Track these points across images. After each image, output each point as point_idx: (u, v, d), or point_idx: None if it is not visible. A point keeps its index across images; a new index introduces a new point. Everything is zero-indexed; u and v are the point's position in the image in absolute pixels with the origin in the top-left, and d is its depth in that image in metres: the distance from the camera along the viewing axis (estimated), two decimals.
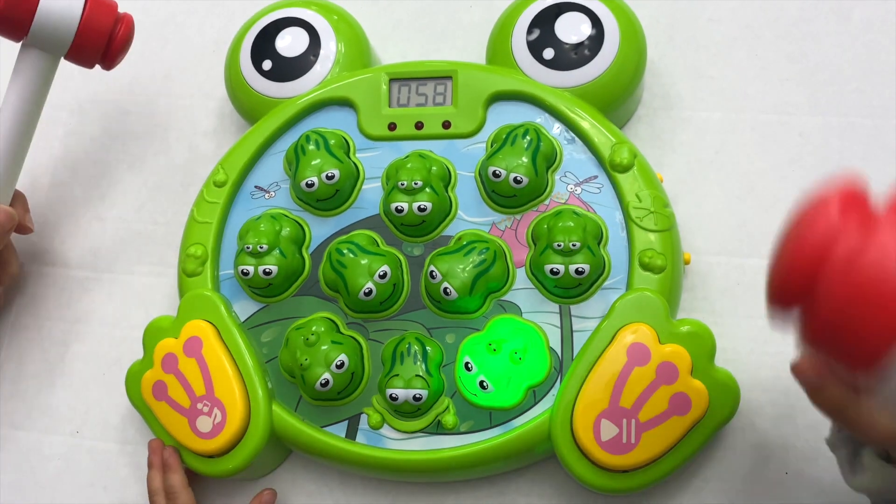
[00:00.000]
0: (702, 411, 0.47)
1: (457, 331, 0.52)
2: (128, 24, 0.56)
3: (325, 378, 0.49)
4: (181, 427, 0.51)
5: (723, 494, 0.51)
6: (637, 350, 0.48)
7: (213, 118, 0.66)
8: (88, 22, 0.54)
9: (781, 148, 0.58)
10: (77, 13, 0.54)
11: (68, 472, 0.59)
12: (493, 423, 0.50)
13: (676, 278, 0.51)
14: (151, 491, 0.53)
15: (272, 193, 0.57)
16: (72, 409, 0.60)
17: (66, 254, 0.64)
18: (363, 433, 0.51)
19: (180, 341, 0.53)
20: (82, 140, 0.67)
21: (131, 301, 0.62)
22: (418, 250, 0.54)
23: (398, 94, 0.56)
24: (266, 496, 0.53)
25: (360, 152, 0.56)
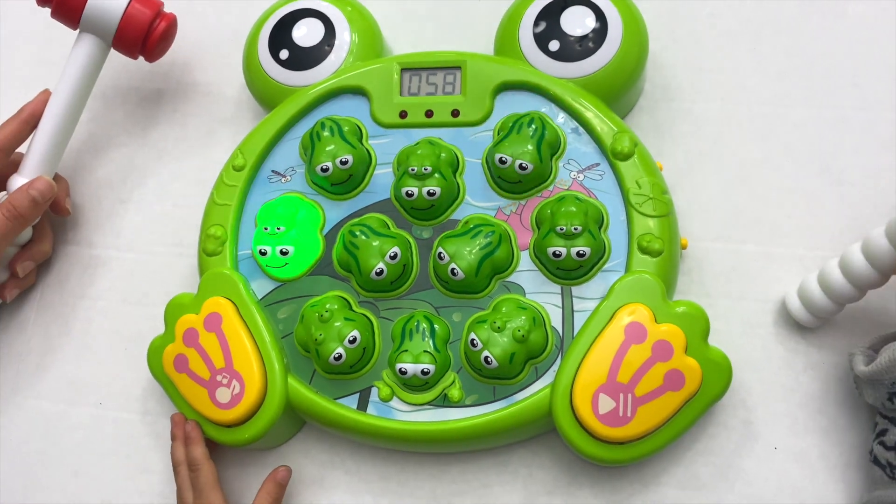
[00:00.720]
0: (695, 387, 0.49)
1: (463, 310, 0.54)
2: (168, 20, 0.62)
3: (338, 352, 0.52)
4: (201, 398, 0.54)
5: (714, 467, 0.54)
6: (634, 329, 0.50)
7: (231, 105, 0.68)
8: (132, 13, 0.60)
9: (776, 139, 0.60)
10: (123, 3, 0.60)
11: (92, 441, 0.62)
12: (497, 397, 0.52)
13: (673, 262, 0.54)
14: (175, 461, 0.56)
15: (288, 178, 0.59)
16: (95, 381, 0.63)
17: (89, 234, 0.67)
18: (374, 405, 0.54)
19: (201, 317, 0.55)
20: (105, 125, 0.70)
21: (152, 279, 0.65)
22: (427, 233, 0.56)
23: (409, 83, 0.59)
24: (281, 472, 0.55)
25: (373, 139, 0.58)
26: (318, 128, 0.57)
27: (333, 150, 0.56)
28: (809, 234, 0.57)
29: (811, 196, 0.58)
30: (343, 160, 0.56)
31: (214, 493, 0.54)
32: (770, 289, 0.57)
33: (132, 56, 0.62)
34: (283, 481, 0.55)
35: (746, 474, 0.53)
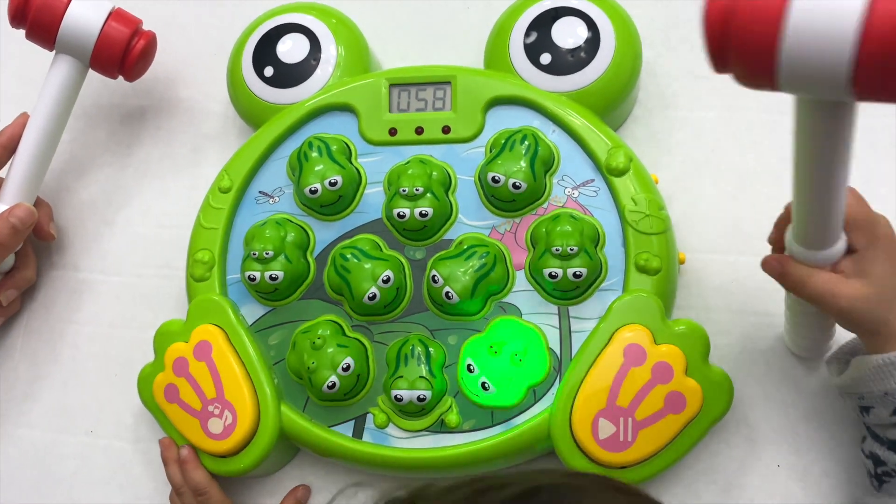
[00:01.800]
0: (696, 409, 0.48)
1: (459, 332, 0.53)
2: (147, 38, 0.60)
3: (331, 381, 0.51)
4: (193, 429, 0.53)
5: (715, 486, 0.53)
6: (633, 351, 0.49)
7: (217, 121, 0.66)
8: (108, 32, 0.58)
9: (774, 147, 0.59)
10: (99, 23, 0.58)
11: (84, 470, 0.61)
12: (495, 422, 0.51)
13: (671, 280, 0.53)
14: (175, 484, 0.55)
15: (276, 198, 0.58)
16: (85, 409, 0.62)
17: (74, 257, 0.66)
18: (369, 432, 0.53)
19: (190, 345, 0.54)
20: (88, 145, 0.68)
21: (140, 303, 0.64)
22: (420, 254, 0.55)
23: (398, 99, 0.57)
24: (300, 491, 0.55)
25: (362, 157, 0.57)
26: (306, 147, 0.56)
27: (322, 170, 0.55)
28: None
29: None
30: (332, 181, 0.54)
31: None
32: (771, 301, 0.55)
33: (111, 76, 0.61)
34: (303, 499, 0.55)
35: (749, 493, 0.53)
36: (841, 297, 0.43)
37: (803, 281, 0.44)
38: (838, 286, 0.43)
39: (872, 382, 0.43)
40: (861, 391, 0.44)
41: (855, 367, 0.45)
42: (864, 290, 0.43)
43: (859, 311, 0.43)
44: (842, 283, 0.44)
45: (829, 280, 0.44)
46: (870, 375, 0.43)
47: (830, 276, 0.44)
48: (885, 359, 0.43)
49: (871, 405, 0.44)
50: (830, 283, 0.44)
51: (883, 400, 0.43)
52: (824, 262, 0.44)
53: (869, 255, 0.44)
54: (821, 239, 0.43)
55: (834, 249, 0.43)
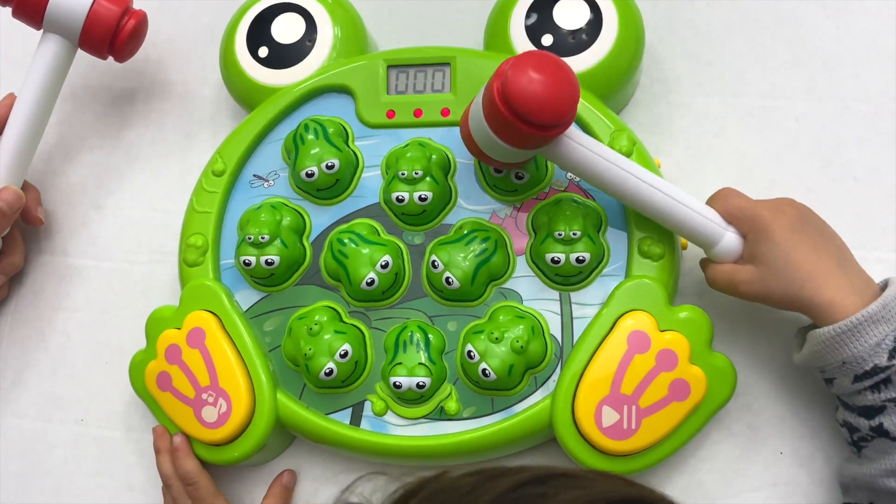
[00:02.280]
0: (700, 397, 0.48)
1: (458, 319, 0.52)
2: (137, 17, 0.59)
3: (329, 367, 0.50)
4: (187, 417, 0.52)
5: (719, 474, 0.52)
6: (637, 338, 0.48)
7: (209, 105, 0.65)
8: (98, 10, 0.56)
9: (778, 133, 0.58)
10: (88, 1, 0.56)
11: (74, 460, 0.59)
12: (495, 409, 0.51)
13: (675, 265, 0.52)
14: (165, 476, 0.53)
15: (271, 182, 0.56)
16: (76, 397, 0.61)
17: (64, 242, 0.64)
18: (367, 420, 0.52)
19: (183, 332, 0.53)
20: (77, 128, 0.67)
21: (131, 289, 0.62)
22: (419, 239, 0.54)
23: (396, 81, 0.56)
24: (286, 476, 0.54)
25: (359, 140, 0.56)
26: (302, 130, 0.55)
27: (318, 153, 0.53)
28: None
29: (813, 192, 0.56)
30: (329, 164, 0.53)
31: (218, 500, 0.52)
32: None
33: (100, 56, 0.59)
34: (289, 484, 0.54)
35: (753, 480, 0.52)
36: (739, 283, 0.47)
37: (711, 276, 0.48)
38: (735, 274, 0.47)
39: (828, 354, 0.44)
40: (820, 364, 0.45)
41: (809, 342, 0.45)
42: (756, 273, 0.46)
43: (765, 294, 0.46)
44: (737, 270, 0.47)
45: (727, 270, 0.47)
46: (824, 348, 0.44)
47: (727, 267, 0.47)
48: (832, 330, 0.44)
49: (833, 376, 0.45)
50: (728, 272, 0.47)
51: (842, 369, 0.44)
52: (726, 257, 0.48)
53: (753, 238, 0.46)
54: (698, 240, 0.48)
55: (721, 245, 0.48)
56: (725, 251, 0.48)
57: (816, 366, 0.46)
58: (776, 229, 0.46)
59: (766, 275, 0.46)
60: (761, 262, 0.46)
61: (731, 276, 0.47)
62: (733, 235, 0.48)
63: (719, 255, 0.48)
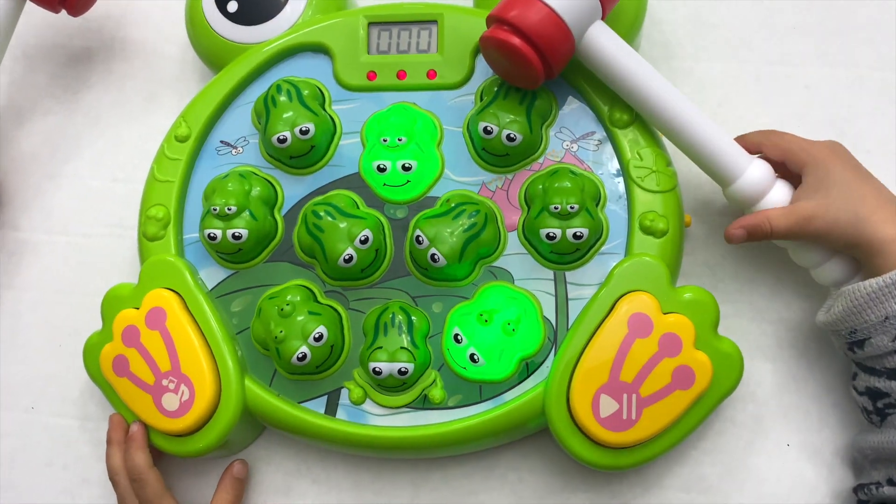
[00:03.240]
0: (705, 385, 0.44)
1: (444, 299, 0.48)
2: None
3: (302, 351, 0.46)
4: (145, 405, 0.47)
5: (722, 467, 0.49)
6: (638, 320, 0.45)
7: (174, 65, 0.60)
8: None
9: (786, 101, 0.55)
10: None
11: (23, 450, 0.55)
12: (484, 398, 0.47)
13: (678, 243, 0.48)
14: (112, 470, 0.49)
15: (240, 149, 0.52)
16: (26, 383, 0.56)
17: (14, 215, 0.59)
18: (344, 409, 0.48)
19: (142, 312, 0.48)
20: (29, 90, 0.62)
21: (89, 266, 0.58)
22: (402, 212, 0.50)
23: (378, 39, 0.52)
24: (237, 467, 0.51)
25: (337, 104, 0.51)
26: (274, 91, 0.50)
27: (292, 117, 0.49)
28: None
29: None
30: (303, 129, 0.49)
31: (165, 500, 0.48)
32: (782, 268, 0.51)
33: (52, 9, 0.54)
34: (239, 475, 0.51)
35: (757, 473, 0.49)
36: (809, 219, 0.43)
37: (771, 223, 0.45)
38: (800, 210, 0.44)
39: (869, 310, 0.42)
40: (854, 324, 0.43)
41: (846, 298, 0.43)
42: (821, 206, 0.43)
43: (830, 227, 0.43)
44: (801, 206, 0.44)
45: (791, 210, 0.44)
46: (864, 303, 0.42)
47: (790, 207, 0.45)
48: (885, 280, 0.41)
49: (868, 336, 0.42)
50: (793, 211, 0.44)
51: (882, 326, 0.41)
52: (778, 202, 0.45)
53: (813, 171, 0.44)
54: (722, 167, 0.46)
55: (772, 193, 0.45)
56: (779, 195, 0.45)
57: (848, 326, 0.43)
58: (837, 161, 0.44)
59: (832, 206, 0.43)
60: (824, 193, 0.44)
61: (796, 213, 0.44)
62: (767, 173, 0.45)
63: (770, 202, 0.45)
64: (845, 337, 0.44)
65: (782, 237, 0.45)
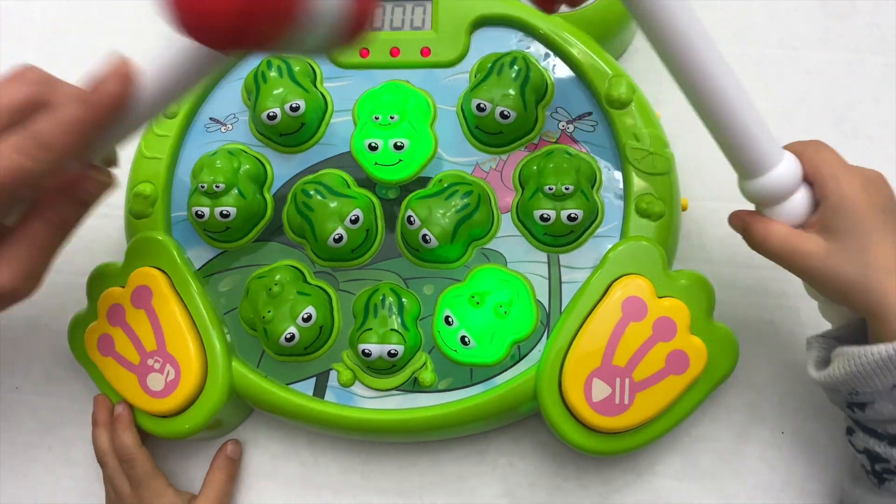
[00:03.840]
0: (700, 370, 0.43)
1: (436, 281, 0.47)
2: None
3: (290, 332, 0.45)
4: (130, 385, 0.47)
5: (715, 454, 0.49)
6: (633, 304, 0.44)
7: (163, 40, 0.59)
8: None
9: (787, 85, 0.54)
10: None
11: (7, 431, 0.54)
12: (475, 381, 0.46)
13: (675, 226, 0.47)
14: (100, 451, 0.49)
15: (229, 126, 0.51)
16: (11, 363, 0.55)
17: None
18: (333, 391, 0.47)
19: (127, 290, 0.47)
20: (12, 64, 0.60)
21: (75, 245, 0.55)
22: (394, 192, 0.49)
23: None
24: (230, 447, 0.50)
25: (328, 81, 0.50)
26: (264, 67, 0.49)
27: (282, 93, 0.48)
28: None
29: None
30: (293, 106, 0.48)
31: (156, 479, 0.48)
32: None
33: None
34: (233, 455, 0.50)
35: (751, 462, 0.48)
36: (802, 253, 0.39)
37: (764, 236, 0.41)
38: (799, 241, 0.39)
39: (876, 377, 0.37)
40: (856, 387, 0.38)
41: (849, 362, 0.38)
42: (823, 247, 0.39)
43: (826, 275, 0.39)
44: (802, 237, 0.40)
45: (789, 234, 0.40)
46: (872, 370, 0.37)
47: (790, 230, 0.40)
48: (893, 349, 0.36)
49: (870, 400, 0.38)
50: (790, 236, 0.40)
51: (889, 394, 0.37)
52: (788, 217, 0.41)
53: (833, 206, 0.39)
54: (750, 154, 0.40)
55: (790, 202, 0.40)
56: (791, 209, 0.40)
57: (849, 388, 0.39)
58: (865, 203, 0.38)
59: (837, 253, 0.38)
60: (835, 236, 0.39)
61: (793, 241, 0.39)
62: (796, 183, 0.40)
63: (780, 215, 0.40)
64: (845, 396, 0.40)
65: (772, 258, 0.41)
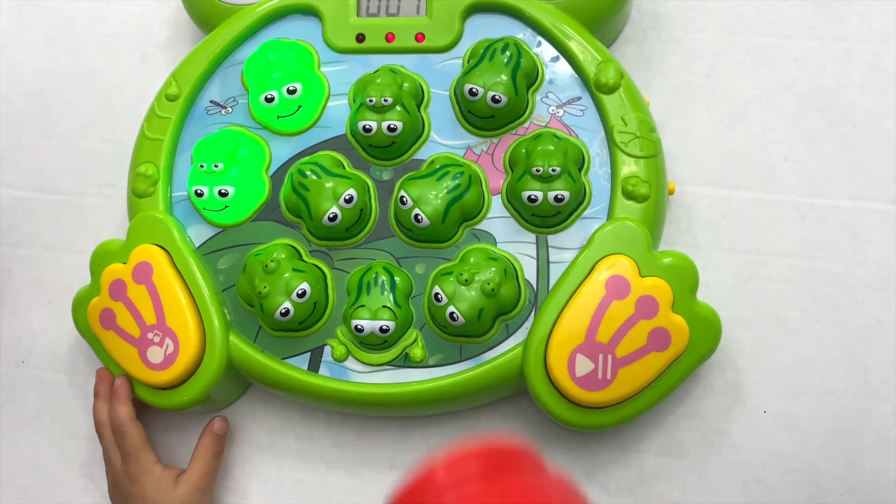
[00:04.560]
0: (681, 347, 0.45)
1: (427, 260, 0.49)
2: None
3: (285, 307, 0.46)
4: (131, 358, 0.48)
5: (699, 432, 0.50)
6: (616, 283, 0.45)
7: (167, 27, 0.60)
8: None
9: (775, 73, 0.55)
10: None
11: (13, 404, 0.56)
12: (464, 357, 0.47)
13: (660, 208, 0.48)
14: (98, 422, 0.50)
15: (229, 109, 0.52)
16: (16, 338, 0.57)
17: (7, 174, 0.60)
18: (326, 365, 0.48)
19: (129, 266, 0.49)
20: (23, 50, 0.62)
21: (80, 224, 0.58)
22: (387, 174, 0.50)
23: (367, 2, 0.52)
24: (217, 423, 0.51)
25: (325, 66, 0.52)
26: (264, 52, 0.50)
27: (280, 77, 0.49)
28: (808, 178, 0.52)
29: (811, 137, 0.53)
30: (291, 88, 0.49)
31: (144, 454, 0.49)
32: (764, 239, 0.52)
33: None
34: (220, 432, 0.51)
35: (733, 440, 0.49)
36: None
37: None
38: None
39: None
40: None
41: None
42: None
43: None
44: None
45: None
46: None
47: None
48: None
49: None
50: None
51: None
52: None
53: None
54: None
55: None
56: None
57: None
58: None
59: None
60: None
61: None
62: None
63: None
64: None
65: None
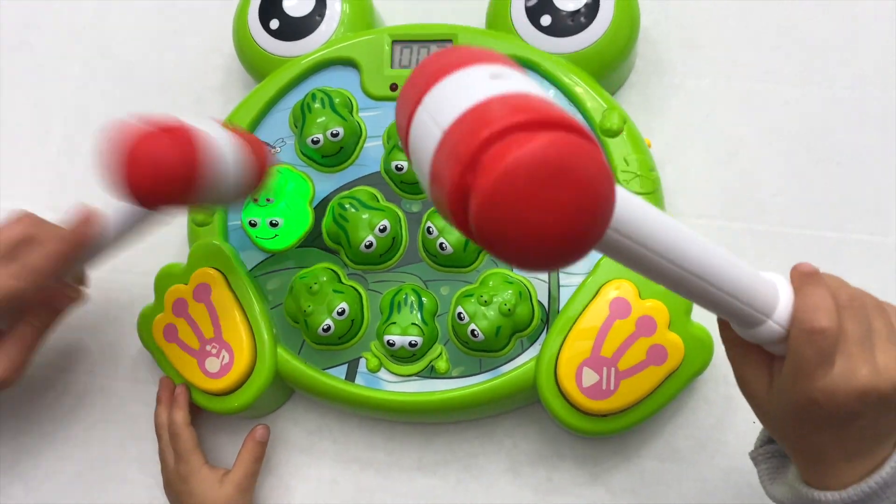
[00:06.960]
0: (677, 362, 0.50)
1: (451, 283, 0.55)
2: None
3: (326, 324, 0.53)
4: (191, 367, 0.55)
5: (694, 441, 0.55)
6: (619, 304, 0.51)
7: (221, 73, 0.67)
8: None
9: (766, 115, 0.60)
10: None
11: (82, 408, 0.62)
12: (483, 370, 0.53)
13: None
14: (158, 424, 0.57)
15: (278, 149, 0.59)
16: (86, 350, 0.63)
17: None
18: (362, 376, 0.54)
19: (190, 287, 0.56)
20: (92, 94, 0.69)
21: (141, 249, 0.64)
22: (416, 207, 0.56)
23: (400, 55, 0.58)
24: (259, 431, 0.56)
25: (363, 111, 0.58)
26: (309, 99, 0.57)
27: (324, 122, 0.56)
28: (797, 212, 0.58)
29: (800, 174, 0.58)
30: (334, 132, 0.56)
31: (194, 455, 0.55)
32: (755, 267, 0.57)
33: None
34: (262, 439, 0.56)
35: (726, 448, 0.54)
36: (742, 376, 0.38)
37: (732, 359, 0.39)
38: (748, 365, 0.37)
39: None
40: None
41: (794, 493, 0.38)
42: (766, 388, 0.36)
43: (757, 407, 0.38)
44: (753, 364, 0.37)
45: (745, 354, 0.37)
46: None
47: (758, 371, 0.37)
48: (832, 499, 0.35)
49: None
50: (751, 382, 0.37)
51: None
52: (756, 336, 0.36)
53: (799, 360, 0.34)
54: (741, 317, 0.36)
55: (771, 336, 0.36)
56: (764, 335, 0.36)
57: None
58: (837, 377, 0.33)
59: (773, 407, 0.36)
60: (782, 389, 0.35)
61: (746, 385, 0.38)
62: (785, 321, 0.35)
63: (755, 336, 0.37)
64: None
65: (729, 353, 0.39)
